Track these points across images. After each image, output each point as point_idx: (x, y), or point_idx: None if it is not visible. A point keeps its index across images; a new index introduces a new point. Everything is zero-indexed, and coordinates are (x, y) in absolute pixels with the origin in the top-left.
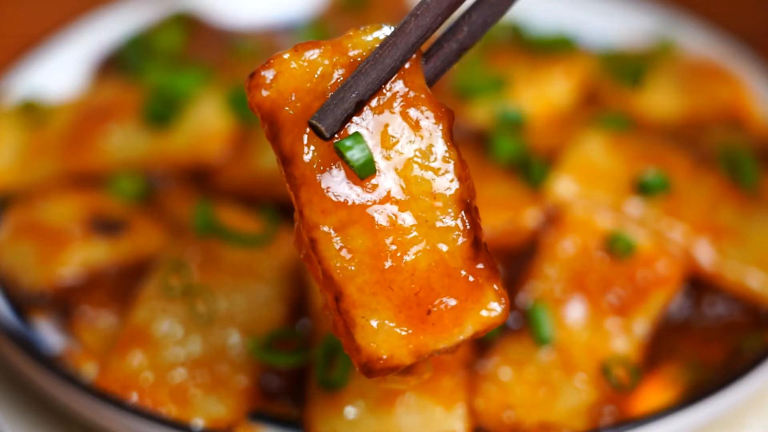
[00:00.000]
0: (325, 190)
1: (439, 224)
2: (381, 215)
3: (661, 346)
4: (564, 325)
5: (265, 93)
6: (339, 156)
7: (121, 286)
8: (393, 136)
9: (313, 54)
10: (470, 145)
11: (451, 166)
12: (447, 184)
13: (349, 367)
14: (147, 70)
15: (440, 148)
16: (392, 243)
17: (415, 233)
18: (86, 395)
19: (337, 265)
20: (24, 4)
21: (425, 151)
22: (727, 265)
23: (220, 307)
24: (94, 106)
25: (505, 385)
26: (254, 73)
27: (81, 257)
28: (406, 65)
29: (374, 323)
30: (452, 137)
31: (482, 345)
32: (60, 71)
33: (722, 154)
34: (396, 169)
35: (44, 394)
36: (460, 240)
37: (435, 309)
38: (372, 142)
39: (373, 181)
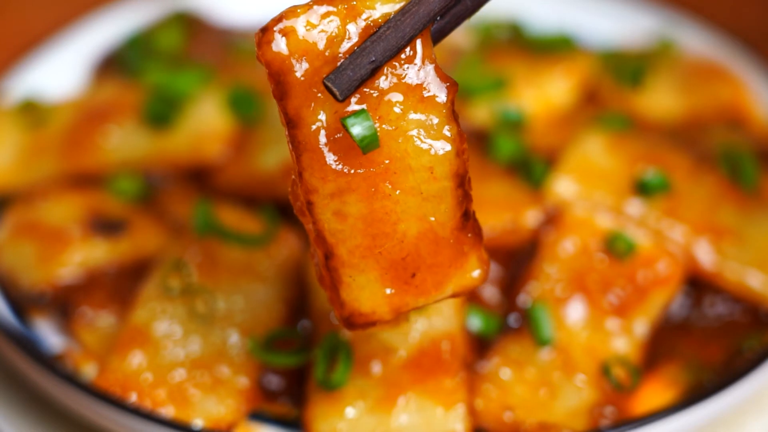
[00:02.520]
0: (327, 159)
1: (433, 196)
2: (378, 185)
3: (661, 346)
4: (564, 325)
5: (275, 49)
6: (344, 130)
7: (121, 286)
8: (398, 108)
9: (326, 14)
10: (470, 145)
11: (450, 141)
12: (445, 158)
13: (349, 367)
14: (147, 70)
15: (442, 122)
16: (386, 212)
17: (409, 203)
18: (86, 395)
19: (331, 228)
20: (24, 4)
21: (427, 124)
22: (727, 266)
23: (219, 307)
24: (94, 106)
25: (505, 385)
26: (266, 29)
27: (81, 257)
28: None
29: (360, 282)
30: (454, 110)
31: (482, 345)
32: (60, 71)
33: (722, 154)
34: (397, 141)
35: (44, 394)
36: (452, 212)
37: (419, 273)
38: (377, 113)
39: (374, 152)
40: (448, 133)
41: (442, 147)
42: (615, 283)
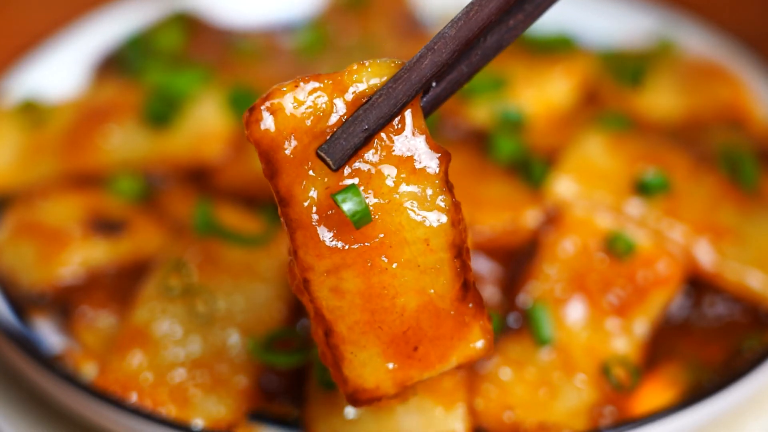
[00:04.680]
0: (321, 235)
1: (430, 269)
2: (374, 260)
3: (661, 346)
4: (564, 325)
5: (263, 128)
6: (336, 205)
7: (121, 286)
8: (390, 181)
9: (313, 90)
10: (470, 145)
11: (445, 212)
12: (440, 230)
13: None
14: (147, 70)
15: (436, 193)
16: (384, 286)
17: (406, 277)
18: (86, 395)
19: (329, 305)
20: (24, 4)
21: (421, 196)
22: (727, 265)
23: (219, 307)
24: (94, 106)
25: (505, 385)
26: (253, 108)
27: (81, 257)
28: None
29: (362, 358)
30: (447, 180)
31: None
32: (60, 71)
33: (722, 154)
34: (391, 214)
35: (44, 394)
36: (450, 284)
37: (422, 346)
38: (369, 186)
39: (369, 226)
40: (442, 204)
41: (437, 218)
42: (615, 283)
